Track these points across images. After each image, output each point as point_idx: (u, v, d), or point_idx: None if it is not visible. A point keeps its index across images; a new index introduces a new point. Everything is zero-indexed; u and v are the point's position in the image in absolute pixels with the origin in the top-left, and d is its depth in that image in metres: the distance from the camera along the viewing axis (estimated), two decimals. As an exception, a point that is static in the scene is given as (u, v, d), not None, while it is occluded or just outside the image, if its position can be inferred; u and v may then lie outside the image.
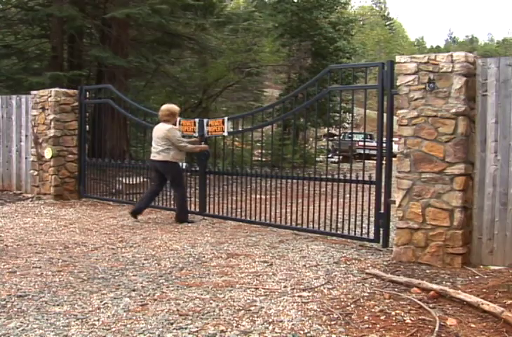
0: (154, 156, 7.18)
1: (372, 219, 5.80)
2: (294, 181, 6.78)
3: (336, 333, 3.22)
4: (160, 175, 7.30)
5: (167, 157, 7.08)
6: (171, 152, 7.08)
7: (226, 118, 7.49)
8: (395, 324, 3.36)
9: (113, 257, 5.18)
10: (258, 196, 7.21)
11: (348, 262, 5.00)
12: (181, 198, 7.28)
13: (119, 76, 12.33)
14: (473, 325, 3.34)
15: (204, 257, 5.19)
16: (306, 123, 19.43)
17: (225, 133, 7.44)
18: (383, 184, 5.69)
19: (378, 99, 5.75)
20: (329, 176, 6.68)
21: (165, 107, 7.36)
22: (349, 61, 19.82)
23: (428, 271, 4.66)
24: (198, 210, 7.78)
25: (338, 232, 6.23)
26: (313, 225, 6.41)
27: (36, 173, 9.33)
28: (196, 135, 7.51)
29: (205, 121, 7.55)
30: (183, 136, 7.47)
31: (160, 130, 7.14)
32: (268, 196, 6.94)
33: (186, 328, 3.29)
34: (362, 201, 6.13)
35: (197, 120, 7.59)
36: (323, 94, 6.74)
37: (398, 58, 5.16)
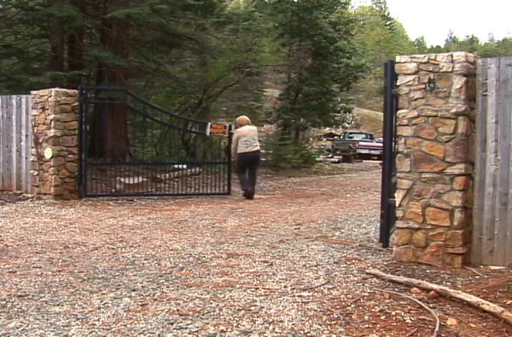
0: (254, 148, 9.64)
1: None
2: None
3: (336, 333, 3.22)
4: (250, 164, 9.69)
5: (259, 147, 9.98)
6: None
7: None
8: (395, 323, 3.36)
9: (113, 257, 5.18)
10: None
11: (348, 262, 4.99)
12: (256, 178, 9.98)
13: (119, 76, 12.31)
14: (473, 325, 3.34)
15: (204, 257, 5.19)
16: (307, 123, 19.44)
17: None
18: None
19: (384, 99, 5.72)
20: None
21: (245, 117, 10.38)
22: (349, 61, 19.73)
23: (428, 271, 4.65)
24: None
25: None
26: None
27: (36, 173, 9.33)
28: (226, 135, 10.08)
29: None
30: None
31: (253, 130, 9.90)
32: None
33: (186, 328, 3.28)
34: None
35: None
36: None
37: (398, 58, 5.15)
